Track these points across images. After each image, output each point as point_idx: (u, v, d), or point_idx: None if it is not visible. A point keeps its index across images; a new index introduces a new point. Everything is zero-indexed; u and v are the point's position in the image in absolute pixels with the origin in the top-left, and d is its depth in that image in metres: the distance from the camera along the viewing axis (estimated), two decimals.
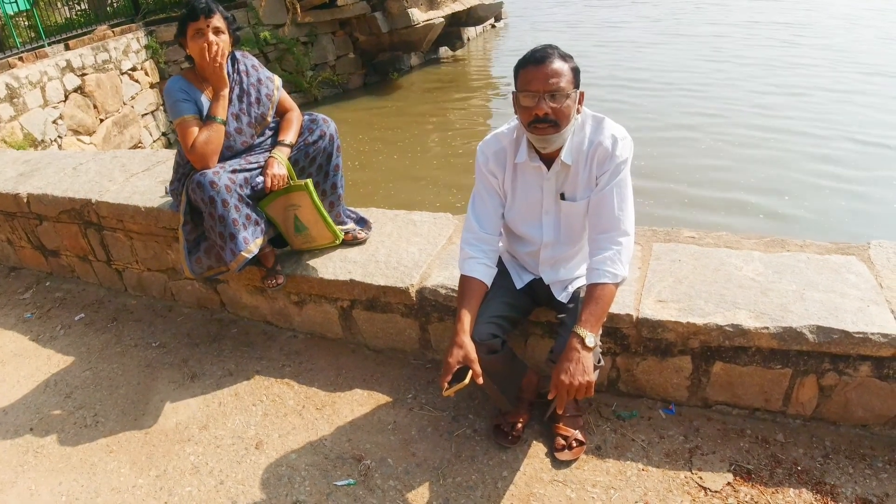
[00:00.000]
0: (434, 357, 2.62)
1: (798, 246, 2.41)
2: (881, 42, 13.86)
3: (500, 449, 2.17)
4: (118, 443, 2.44)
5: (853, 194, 7.00)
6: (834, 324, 1.94)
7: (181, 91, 2.46)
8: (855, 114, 9.46)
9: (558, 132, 1.81)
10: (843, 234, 6.07)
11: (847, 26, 15.70)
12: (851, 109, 9.65)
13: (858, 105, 9.85)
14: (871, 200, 6.85)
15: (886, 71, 11.46)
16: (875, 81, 10.89)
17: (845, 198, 6.94)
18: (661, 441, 2.13)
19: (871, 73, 11.38)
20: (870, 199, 6.89)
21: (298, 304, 2.83)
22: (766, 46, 13.89)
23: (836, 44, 13.64)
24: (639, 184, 2.16)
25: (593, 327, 1.82)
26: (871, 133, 8.61)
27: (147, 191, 3.18)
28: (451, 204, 7.43)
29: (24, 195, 3.52)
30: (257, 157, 2.56)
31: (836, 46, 13.38)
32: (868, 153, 8.03)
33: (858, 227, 6.30)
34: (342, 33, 13.16)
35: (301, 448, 2.29)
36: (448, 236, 2.75)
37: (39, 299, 3.62)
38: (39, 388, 2.82)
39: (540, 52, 1.80)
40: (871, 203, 6.81)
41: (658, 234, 2.61)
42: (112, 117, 9.44)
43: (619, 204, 1.88)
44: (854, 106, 9.80)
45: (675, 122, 9.55)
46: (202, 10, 2.36)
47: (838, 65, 11.99)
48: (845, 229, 6.29)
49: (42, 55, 8.56)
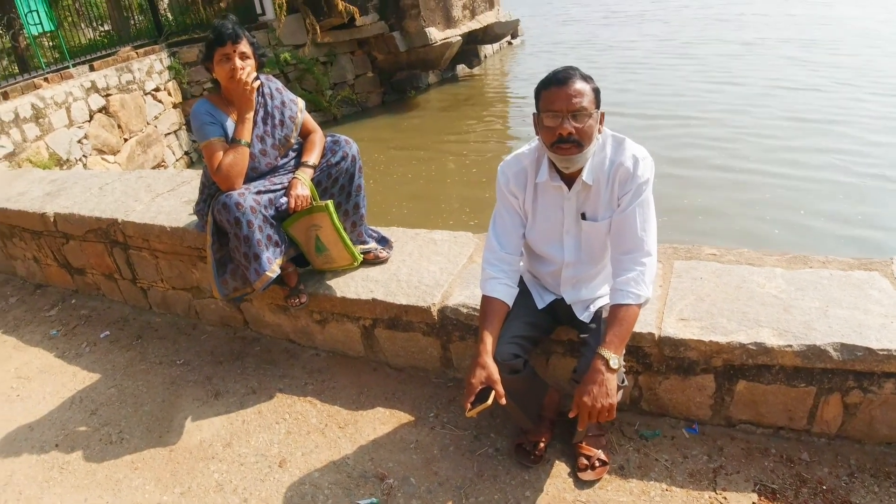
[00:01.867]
0: (455, 376, 2.63)
1: (820, 262, 2.40)
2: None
3: (523, 468, 2.16)
4: (143, 459, 2.47)
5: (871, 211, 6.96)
6: (858, 341, 1.93)
7: (207, 114, 2.52)
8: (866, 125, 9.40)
9: (581, 152, 1.83)
10: (864, 249, 6.02)
11: (866, 43, 15.55)
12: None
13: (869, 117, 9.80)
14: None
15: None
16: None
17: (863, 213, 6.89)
18: (685, 461, 2.12)
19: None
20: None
21: (321, 323, 2.86)
22: (785, 66, 13.76)
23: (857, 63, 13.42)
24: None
25: (617, 349, 1.83)
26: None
27: (172, 211, 3.23)
28: (469, 222, 7.44)
29: (51, 214, 3.60)
30: (281, 178, 2.61)
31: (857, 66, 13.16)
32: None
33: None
34: (361, 53, 13.31)
35: (324, 466, 2.31)
36: (469, 255, 2.77)
37: (65, 317, 3.68)
38: (65, 404, 2.87)
39: (562, 73, 1.82)
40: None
41: (679, 251, 2.60)
42: (136, 137, 9.60)
43: (641, 224, 1.89)
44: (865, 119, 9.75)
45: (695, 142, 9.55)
46: (229, 36, 2.42)
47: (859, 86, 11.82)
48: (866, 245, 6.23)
49: (67, 76, 8.74)
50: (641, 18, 23.28)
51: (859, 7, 20.43)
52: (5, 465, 2.53)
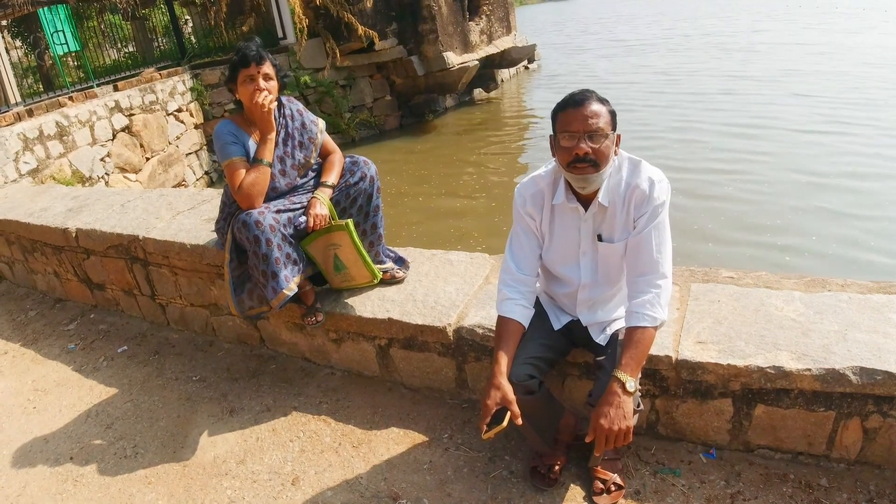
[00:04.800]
0: (470, 397, 2.62)
1: (839, 285, 2.38)
2: None
3: (537, 491, 2.14)
4: (156, 475, 2.48)
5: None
6: (878, 365, 1.90)
7: (230, 134, 2.56)
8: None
9: (598, 172, 1.84)
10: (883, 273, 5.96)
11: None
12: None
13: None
14: None
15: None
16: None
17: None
18: (702, 486, 2.09)
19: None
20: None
21: (336, 342, 2.87)
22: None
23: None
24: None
25: (633, 371, 1.82)
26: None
27: (192, 228, 3.28)
28: (486, 243, 7.46)
29: (72, 230, 3.66)
30: (300, 198, 2.64)
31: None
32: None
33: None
34: (379, 76, 13.50)
35: (337, 485, 2.30)
36: (485, 276, 2.78)
37: (83, 331, 3.72)
38: (81, 417, 2.89)
39: (579, 96, 1.85)
40: None
41: (696, 273, 2.59)
42: (157, 156, 9.75)
43: (657, 246, 1.89)
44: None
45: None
46: (254, 58, 2.47)
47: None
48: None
49: (91, 95, 8.91)
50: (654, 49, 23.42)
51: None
52: (20, 477, 2.56)
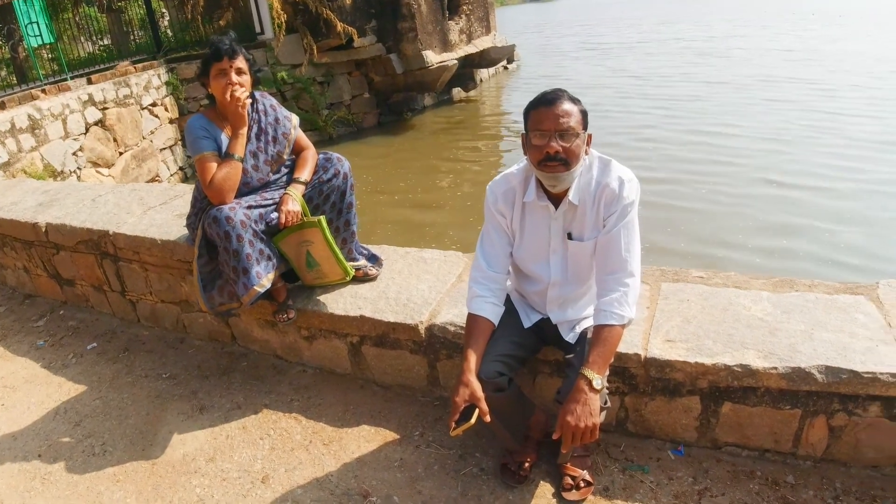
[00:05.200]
0: (442, 394, 2.62)
1: (806, 286, 2.42)
2: None
3: (507, 488, 2.15)
4: (125, 472, 2.45)
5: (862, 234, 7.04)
6: (843, 364, 1.93)
7: (202, 129, 2.53)
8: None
9: (568, 171, 1.85)
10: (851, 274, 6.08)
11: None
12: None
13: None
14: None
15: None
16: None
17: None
18: (670, 482, 2.11)
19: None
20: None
21: (308, 339, 2.85)
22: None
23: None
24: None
25: (600, 369, 1.83)
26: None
27: (164, 224, 3.23)
28: (459, 242, 7.47)
29: (42, 224, 3.60)
30: (273, 194, 2.62)
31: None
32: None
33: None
34: (358, 74, 13.45)
35: (307, 483, 2.29)
36: (458, 274, 2.78)
37: (53, 327, 3.66)
38: (49, 415, 2.84)
39: (550, 94, 1.86)
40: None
41: (666, 273, 2.62)
42: (131, 151, 9.63)
43: (626, 245, 1.91)
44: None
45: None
46: (226, 52, 2.44)
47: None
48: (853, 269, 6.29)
49: (65, 88, 8.78)
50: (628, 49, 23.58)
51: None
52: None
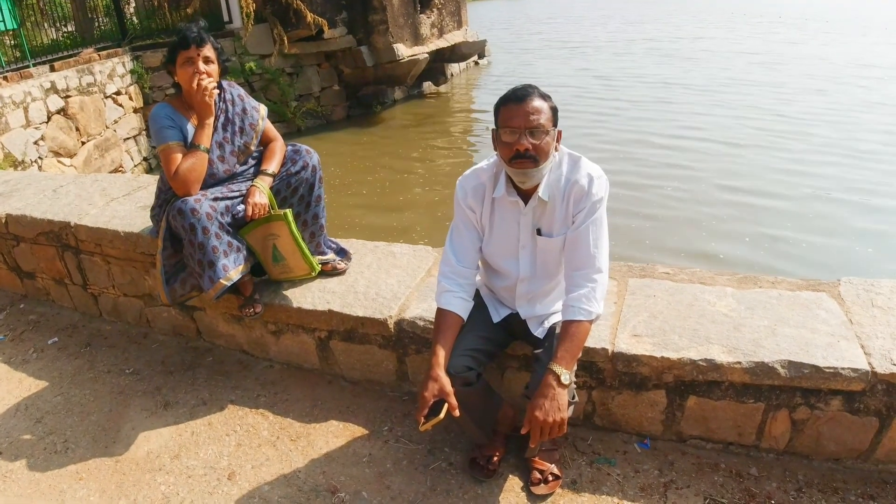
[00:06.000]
0: (411, 389, 2.61)
1: (770, 283, 2.46)
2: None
3: (476, 482, 2.16)
4: (88, 470, 2.39)
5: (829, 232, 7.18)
6: (805, 359, 1.97)
7: (167, 118, 2.48)
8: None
9: (537, 167, 1.86)
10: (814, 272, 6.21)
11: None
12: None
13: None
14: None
15: None
16: None
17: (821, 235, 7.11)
18: (637, 475, 2.14)
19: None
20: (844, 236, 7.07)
21: (275, 334, 2.82)
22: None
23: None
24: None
25: (568, 364, 1.84)
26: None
27: (127, 216, 3.17)
28: (428, 236, 7.46)
29: (2, 215, 3.50)
30: (239, 186, 2.57)
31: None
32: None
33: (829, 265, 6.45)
34: (327, 65, 13.32)
35: (274, 480, 2.26)
36: (427, 269, 2.77)
37: (13, 321, 3.56)
38: (10, 411, 2.77)
39: (521, 91, 1.86)
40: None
41: (634, 269, 2.64)
42: (94, 140, 9.41)
43: (594, 242, 1.92)
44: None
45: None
46: (193, 40, 2.39)
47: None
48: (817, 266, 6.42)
49: (27, 75, 8.54)
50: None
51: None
52: None
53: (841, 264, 6.47)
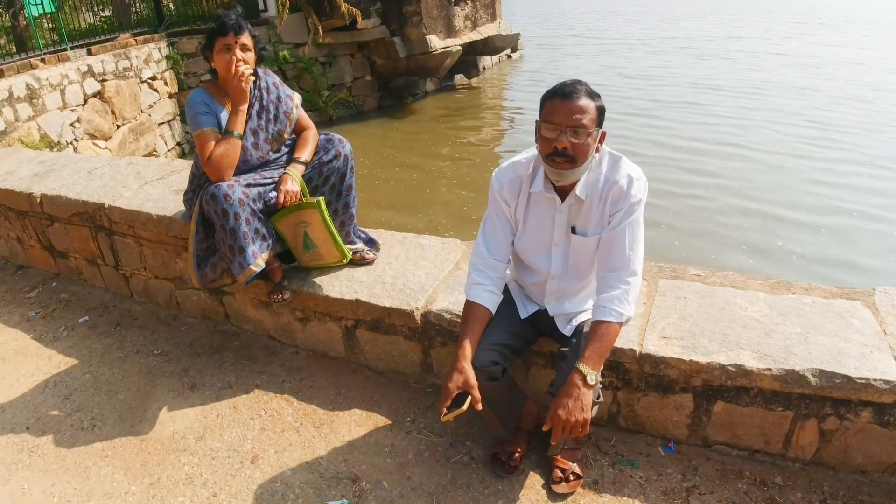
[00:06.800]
0: (435, 381, 2.62)
1: (803, 289, 2.42)
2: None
3: (497, 478, 2.15)
4: (113, 448, 2.44)
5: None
6: (837, 368, 1.94)
7: (203, 104, 2.50)
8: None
9: (574, 168, 1.83)
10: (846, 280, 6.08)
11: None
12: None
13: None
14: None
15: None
16: None
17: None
18: (659, 479, 2.12)
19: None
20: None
21: (302, 321, 2.84)
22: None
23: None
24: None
25: (595, 364, 1.82)
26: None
27: (160, 199, 3.21)
28: (453, 230, 7.42)
29: (37, 195, 3.56)
30: (272, 173, 2.59)
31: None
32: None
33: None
34: (360, 56, 13.34)
35: (296, 465, 2.28)
36: (455, 262, 2.76)
37: (45, 299, 3.64)
38: (39, 387, 2.83)
39: (568, 87, 1.80)
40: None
41: (664, 270, 2.61)
42: (129, 124, 9.55)
43: (630, 243, 1.89)
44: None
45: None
46: (232, 27, 2.41)
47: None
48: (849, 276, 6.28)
49: (64, 58, 8.67)
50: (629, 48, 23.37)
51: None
52: None
53: (876, 276, 6.32)
